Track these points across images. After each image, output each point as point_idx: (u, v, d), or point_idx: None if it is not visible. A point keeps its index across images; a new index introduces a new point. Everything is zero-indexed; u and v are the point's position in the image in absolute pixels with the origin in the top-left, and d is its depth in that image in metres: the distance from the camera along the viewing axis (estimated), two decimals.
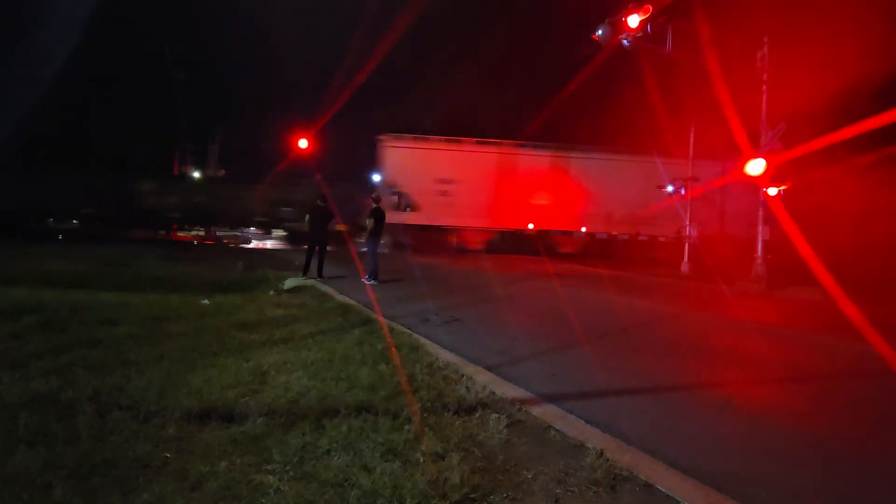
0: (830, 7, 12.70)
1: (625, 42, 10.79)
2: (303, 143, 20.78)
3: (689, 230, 16.78)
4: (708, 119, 15.39)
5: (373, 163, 24.51)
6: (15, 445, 2.28)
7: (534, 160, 23.71)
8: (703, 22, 12.20)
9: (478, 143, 23.73)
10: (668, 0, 10.61)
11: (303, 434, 2.53)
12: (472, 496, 2.07)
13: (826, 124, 11.73)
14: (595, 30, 10.85)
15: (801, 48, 13.05)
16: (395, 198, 22.32)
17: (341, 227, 16.76)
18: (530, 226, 23.41)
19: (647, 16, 10.51)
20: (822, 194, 13.37)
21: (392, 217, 16.81)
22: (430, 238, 22.93)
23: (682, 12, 11.29)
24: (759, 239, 12.89)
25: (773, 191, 12.37)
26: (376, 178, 25.27)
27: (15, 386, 2.99)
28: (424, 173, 22.88)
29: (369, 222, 9.97)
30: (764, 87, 12.82)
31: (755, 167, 11.53)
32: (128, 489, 2.00)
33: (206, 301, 6.42)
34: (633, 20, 10.52)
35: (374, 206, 10.06)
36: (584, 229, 23.81)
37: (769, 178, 12.10)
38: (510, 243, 23.41)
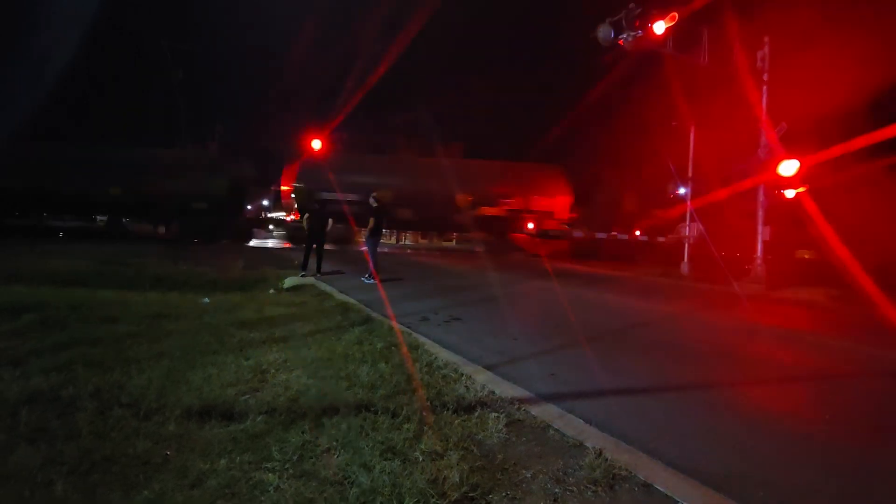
0: (831, 6, 12.70)
1: (624, 42, 10.78)
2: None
3: (688, 231, 16.78)
4: (708, 120, 15.39)
5: None
6: (15, 442, 2.29)
7: None
8: (703, 23, 12.22)
9: None
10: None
11: (302, 432, 2.53)
12: (471, 495, 2.07)
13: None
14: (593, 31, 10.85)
15: (803, 48, 13.05)
16: None
17: None
18: None
19: (647, 18, 10.52)
20: (831, 195, 13.29)
21: None
22: None
23: (683, 13, 11.27)
24: (759, 239, 12.90)
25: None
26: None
27: (15, 383, 2.99)
28: None
29: (369, 221, 9.98)
30: (764, 87, 12.82)
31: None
32: (128, 486, 2.01)
33: (206, 299, 6.42)
34: (631, 21, 10.53)
35: (375, 205, 10.07)
36: None
37: (773, 179, 12.04)
38: None
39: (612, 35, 10.75)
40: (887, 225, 12.47)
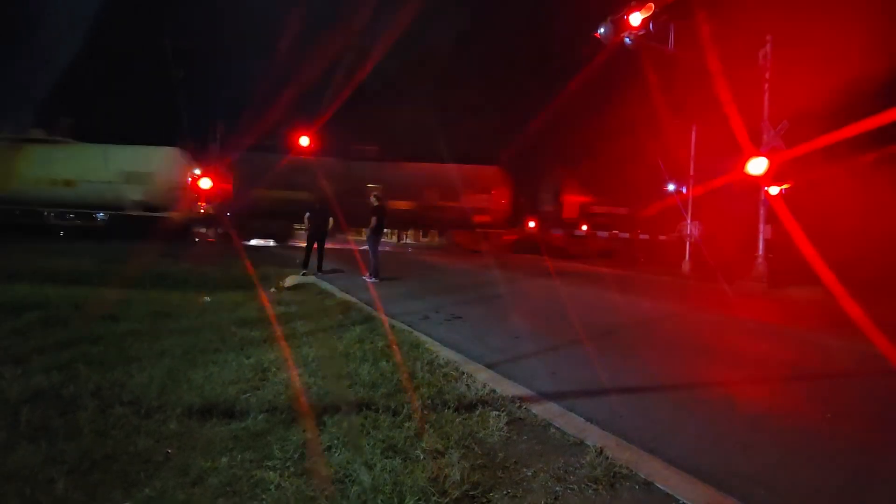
0: (834, 4, 12.64)
1: (627, 40, 10.76)
2: (304, 141, 20.85)
3: (690, 229, 16.75)
4: (711, 117, 15.35)
5: None
6: (17, 440, 2.29)
7: None
8: (705, 20, 12.17)
9: None
10: None
11: (303, 430, 2.54)
12: (472, 493, 2.07)
13: (829, 123, 11.71)
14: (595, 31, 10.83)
15: (805, 46, 13.00)
16: None
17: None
18: None
19: (650, 14, 10.49)
20: (826, 192, 13.30)
21: None
22: None
23: (685, 11, 11.26)
24: (761, 238, 12.87)
25: (774, 189, 12.33)
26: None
27: (17, 381, 3.00)
28: None
29: (371, 220, 9.97)
30: (766, 85, 12.78)
31: (756, 166, 11.49)
32: (129, 484, 2.01)
33: (207, 298, 6.43)
34: (636, 18, 10.50)
35: (376, 203, 10.06)
36: None
37: (772, 176, 12.05)
38: None
39: (614, 33, 10.73)
40: (889, 222, 12.44)
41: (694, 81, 13.67)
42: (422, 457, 2.32)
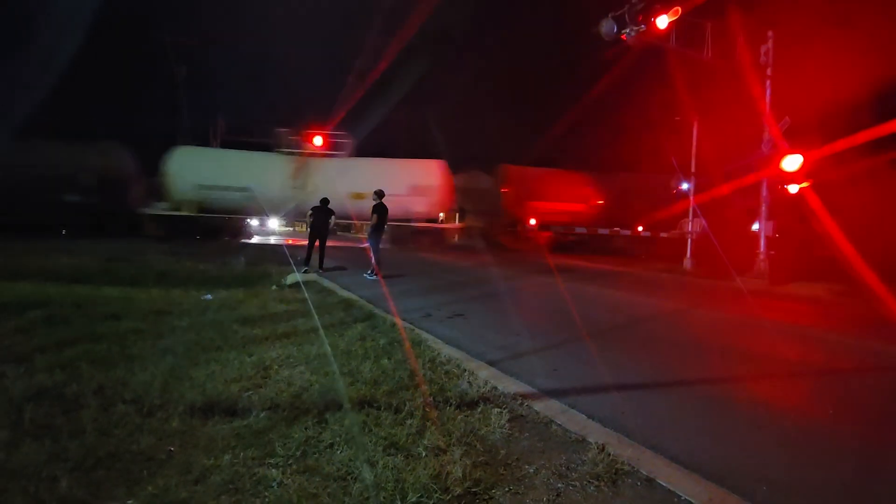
0: (835, 4, 12.59)
1: (627, 37, 10.71)
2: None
3: (691, 226, 16.72)
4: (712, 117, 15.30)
5: None
6: (21, 438, 2.30)
7: None
8: (707, 17, 12.13)
9: None
10: None
11: (305, 428, 2.54)
12: (474, 490, 2.08)
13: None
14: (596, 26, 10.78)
15: (809, 45, 12.95)
16: None
17: None
18: None
19: (650, 12, 10.44)
20: (835, 190, 13.21)
21: None
22: None
23: (685, 7, 11.20)
24: (762, 235, 12.84)
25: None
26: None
27: (20, 380, 3.01)
28: None
29: (372, 218, 9.97)
30: (768, 81, 12.73)
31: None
32: (132, 482, 2.02)
33: (208, 296, 6.44)
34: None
35: (377, 201, 10.05)
36: None
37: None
38: None
39: (615, 30, 10.68)
40: (890, 219, 12.40)
41: (694, 78, 13.62)
42: (424, 454, 2.33)
